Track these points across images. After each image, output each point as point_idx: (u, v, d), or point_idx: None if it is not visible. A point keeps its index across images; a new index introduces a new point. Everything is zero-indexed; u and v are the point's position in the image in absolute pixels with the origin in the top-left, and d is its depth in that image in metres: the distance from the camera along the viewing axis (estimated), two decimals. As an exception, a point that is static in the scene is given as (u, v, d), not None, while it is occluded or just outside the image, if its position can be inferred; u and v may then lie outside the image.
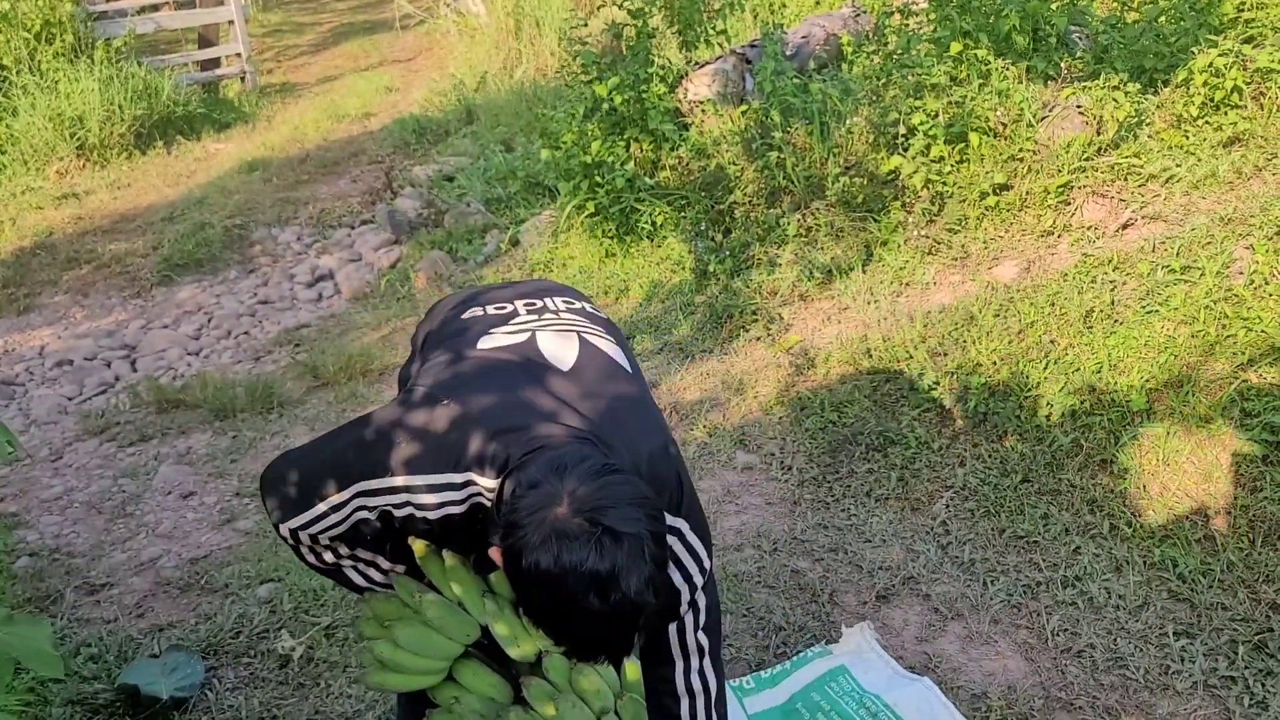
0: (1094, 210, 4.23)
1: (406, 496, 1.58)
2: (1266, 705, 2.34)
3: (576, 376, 1.69)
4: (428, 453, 1.57)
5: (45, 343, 6.36)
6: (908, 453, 3.65)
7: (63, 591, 3.46)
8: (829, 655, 2.75)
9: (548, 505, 1.42)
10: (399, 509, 1.60)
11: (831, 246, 4.84)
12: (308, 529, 1.65)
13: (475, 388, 1.64)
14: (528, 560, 1.40)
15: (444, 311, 1.95)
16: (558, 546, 1.39)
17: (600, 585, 1.39)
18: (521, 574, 1.42)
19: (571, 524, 1.40)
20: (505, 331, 1.76)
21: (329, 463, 1.63)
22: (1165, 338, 3.38)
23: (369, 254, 7.41)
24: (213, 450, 4.68)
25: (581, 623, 1.43)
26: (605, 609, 1.40)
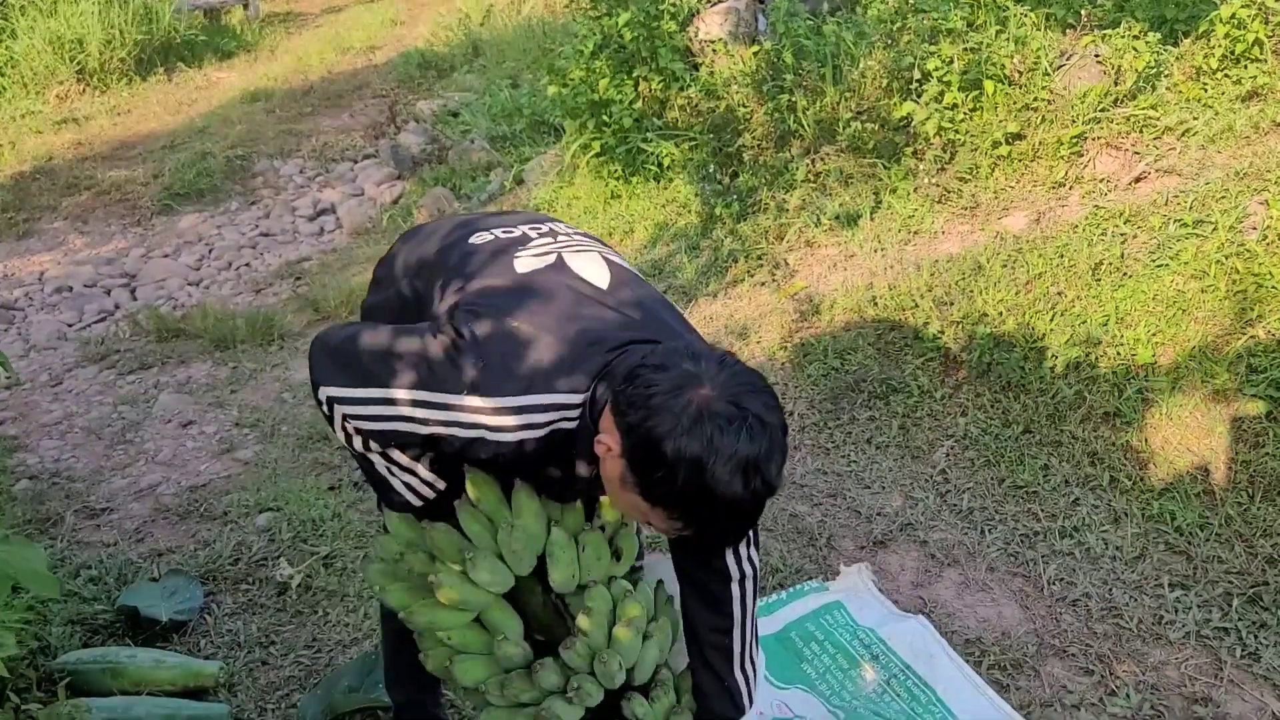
0: (1107, 162, 4.17)
1: (479, 419, 1.49)
2: (1258, 656, 2.35)
3: (616, 294, 1.66)
4: (509, 374, 1.50)
5: (45, 268, 6.33)
6: (910, 401, 3.64)
7: (63, 515, 3.47)
8: (825, 591, 2.76)
9: (689, 388, 1.40)
10: (466, 430, 1.51)
11: (840, 192, 4.79)
12: (346, 407, 1.56)
13: (538, 308, 1.58)
14: (673, 444, 1.37)
15: (438, 238, 1.83)
16: (710, 429, 1.37)
17: (747, 470, 1.38)
18: (660, 459, 1.38)
19: (719, 407, 1.38)
20: (532, 255, 1.71)
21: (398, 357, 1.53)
22: (1174, 292, 3.36)
23: (371, 189, 7.35)
24: (213, 380, 4.67)
25: (722, 508, 1.41)
26: (747, 494, 1.39)
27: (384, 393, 1.52)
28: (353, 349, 1.56)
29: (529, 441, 1.52)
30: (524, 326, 1.53)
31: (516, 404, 1.48)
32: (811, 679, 2.46)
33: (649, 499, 1.44)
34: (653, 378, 1.42)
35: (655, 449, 1.38)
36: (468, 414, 1.48)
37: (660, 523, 1.48)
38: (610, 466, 1.48)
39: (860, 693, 2.40)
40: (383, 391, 1.52)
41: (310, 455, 3.84)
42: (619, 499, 1.53)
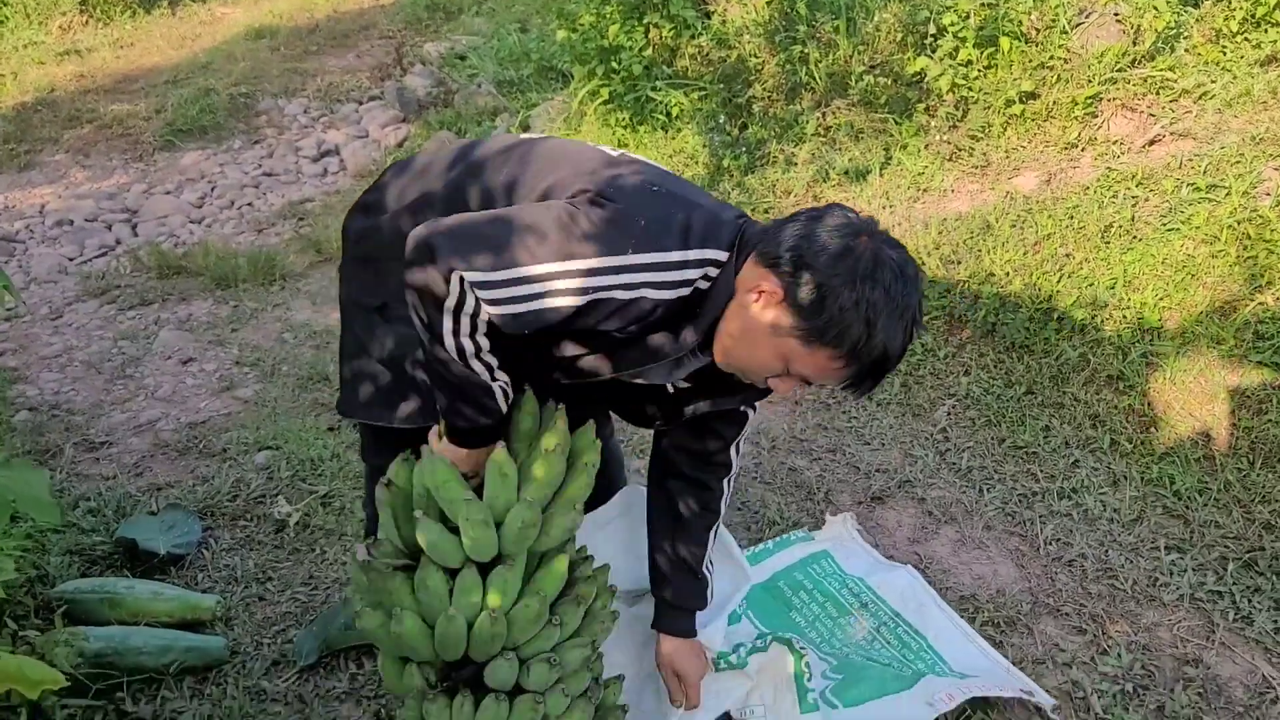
0: (1122, 124, 4.12)
1: (644, 276, 1.49)
2: (1251, 620, 2.36)
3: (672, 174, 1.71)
4: (668, 229, 1.51)
5: (45, 201, 6.28)
6: (913, 359, 3.63)
7: (62, 447, 3.47)
8: (811, 540, 2.76)
9: (859, 235, 1.47)
10: (628, 290, 1.49)
11: (850, 147, 4.74)
12: (488, 291, 1.46)
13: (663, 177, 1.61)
14: (858, 290, 1.43)
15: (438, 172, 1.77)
16: (888, 277, 1.44)
17: (909, 320, 1.48)
18: (839, 303, 1.44)
19: (890, 255, 1.47)
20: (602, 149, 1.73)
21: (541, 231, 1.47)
22: (1184, 256, 3.33)
23: (376, 131, 7.27)
24: (214, 318, 4.65)
25: (879, 353, 1.47)
26: (905, 342, 1.50)
27: (533, 269, 1.45)
28: (485, 231, 1.48)
29: (672, 301, 1.53)
30: (660, 190, 1.55)
31: (680, 258, 1.50)
32: (800, 627, 2.46)
33: (813, 342, 1.49)
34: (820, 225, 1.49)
35: (836, 290, 1.44)
36: (632, 273, 1.48)
37: (813, 367, 1.53)
38: (760, 316, 1.52)
39: (850, 640, 2.41)
40: (531, 268, 1.45)
41: (310, 395, 3.83)
42: (755, 350, 1.56)
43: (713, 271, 1.55)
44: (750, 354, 1.58)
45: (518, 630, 1.64)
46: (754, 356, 1.58)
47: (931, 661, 2.31)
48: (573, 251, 1.45)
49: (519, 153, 1.71)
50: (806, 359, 1.52)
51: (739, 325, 1.56)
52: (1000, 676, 2.25)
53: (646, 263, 1.48)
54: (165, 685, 2.31)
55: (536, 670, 1.66)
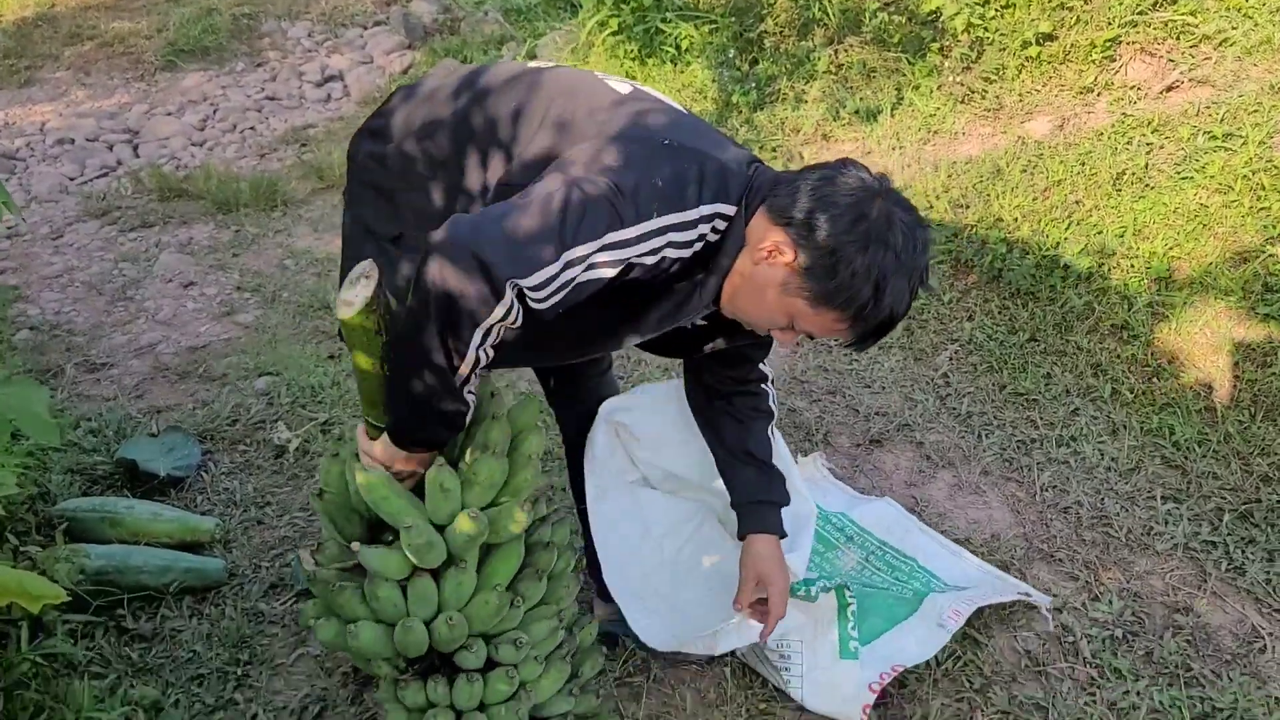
0: (1139, 69, 4.05)
1: (667, 236, 1.48)
2: (1243, 570, 2.38)
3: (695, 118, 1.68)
4: (683, 185, 1.50)
5: (46, 119, 6.21)
6: (917, 303, 3.60)
7: (63, 367, 3.47)
8: None
9: (873, 198, 1.47)
10: (653, 254, 1.48)
11: (862, 86, 4.66)
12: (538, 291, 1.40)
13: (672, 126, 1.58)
14: (870, 254, 1.44)
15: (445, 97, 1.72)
16: (900, 239, 1.45)
17: (915, 280, 1.49)
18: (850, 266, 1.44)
19: (902, 217, 1.47)
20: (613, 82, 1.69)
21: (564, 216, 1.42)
22: (1196, 206, 3.29)
23: (380, 57, 7.16)
24: (215, 243, 4.62)
25: (885, 313, 1.49)
26: (910, 302, 1.51)
27: (578, 252, 1.41)
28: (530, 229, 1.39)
29: (687, 258, 1.54)
30: (673, 144, 1.52)
31: (695, 215, 1.50)
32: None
33: (820, 303, 1.49)
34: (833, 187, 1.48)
35: (848, 256, 1.44)
36: (658, 236, 1.47)
37: (818, 326, 1.54)
38: (769, 274, 1.52)
39: (840, 570, 2.42)
40: (576, 252, 1.41)
41: (311, 323, 3.82)
42: (761, 304, 1.56)
43: (721, 225, 1.54)
44: (756, 307, 1.58)
45: (479, 624, 1.63)
46: (759, 310, 1.58)
47: (926, 579, 2.34)
48: (610, 225, 1.43)
49: (527, 80, 1.68)
50: (812, 318, 1.53)
51: (746, 278, 1.56)
52: (995, 584, 2.30)
53: (668, 224, 1.48)
54: (165, 604, 2.33)
55: (504, 651, 1.65)
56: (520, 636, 1.66)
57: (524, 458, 1.66)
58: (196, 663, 2.19)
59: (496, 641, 1.66)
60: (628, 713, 2.06)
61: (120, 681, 2.11)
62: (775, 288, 1.53)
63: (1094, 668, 2.13)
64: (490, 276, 1.36)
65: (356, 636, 1.58)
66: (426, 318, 1.40)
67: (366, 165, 1.80)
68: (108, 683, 2.08)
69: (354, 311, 1.41)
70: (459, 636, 1.60)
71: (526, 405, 1.72)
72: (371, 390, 1.54)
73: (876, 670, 2.03)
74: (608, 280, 1.48)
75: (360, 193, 1.82)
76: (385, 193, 1.77)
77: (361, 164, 1.81)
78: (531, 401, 1.73)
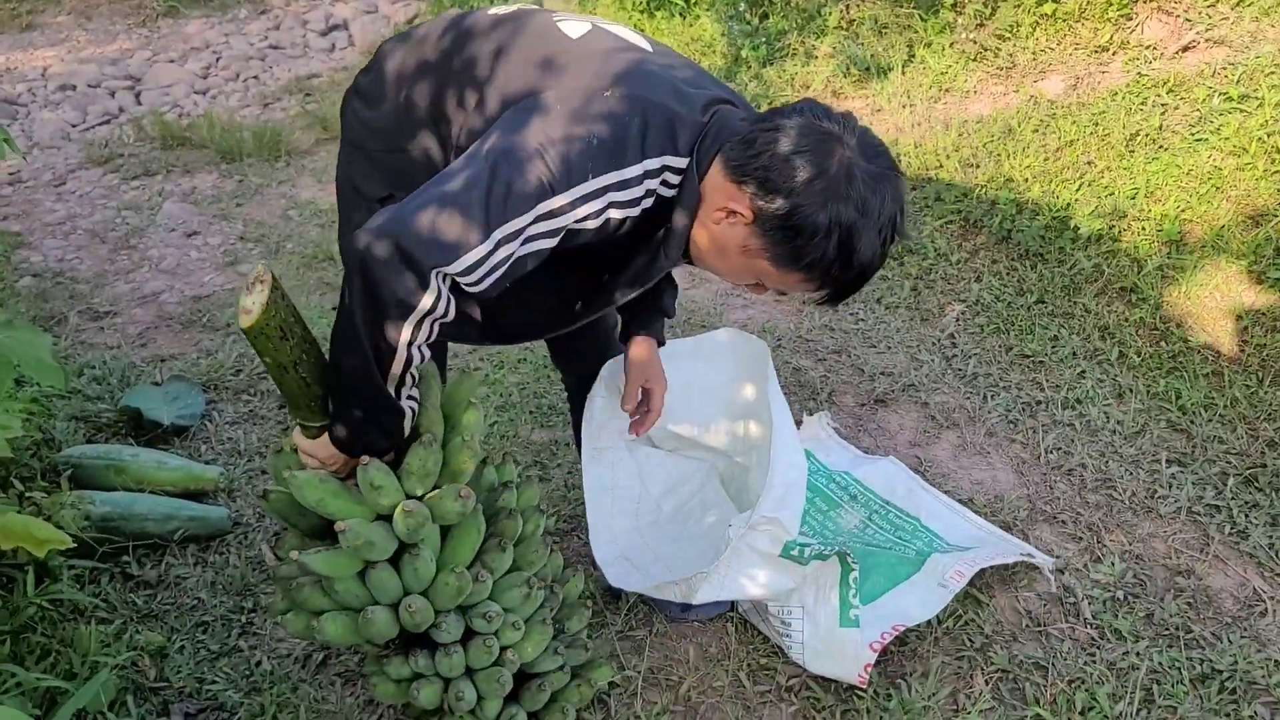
0: (1156, 28, 3.99)
1: (608, 197, 1.40)
2: (1246, 534, 2.38)
3: (664, 56, 1.59)
4: (623, 142, 1.40)
5: (48, 64, 6.14)
6: (925, 263, 3.59)
7: (66, 314, 3.46)
8: None
9: (834, 149, 1.39)
10: (596, 218, 1.41)
11: (873, 42, 4.60)
12: (469, 275, 1.35)
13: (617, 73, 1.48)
14: (829, 212, 1.37)
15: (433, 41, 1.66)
16: (863, 192, 1.38)
17: (886, 231, 1.42)
18: (812, 226, 1.38)
19: (865, 167, 1.39)
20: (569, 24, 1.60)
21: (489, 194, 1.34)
22: (1210, 168, 3.26)
23: (385, 6, 7.07)
24: (218, 192, 4.59)
25: (859, 269, 1.44)
26: (884, 254, 1.45)
27: (508, 228, 1.35)
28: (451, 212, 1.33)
29: (637, 216, 1.47)
30: (613, 95, 1.43)
31: (639, 171, 1.42)
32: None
33: (784, 265, 1.44)
34: (790, 140, 1.39)
35: (807, 216, 1.38)
36: (596, 198, 1.40)
37: (786, 286, 1.50)
38: (729, 235, 1.46)
39: (843, 529, 2.43)
40: (506, 229, 1.35)
41: (315, 274, 3.81)
42: (728, 264, 1.52)
43: (672, 178, 1.47)
44: (723, 267, 1.54)
45: (444, 604, 1.60)
46: (727, 269, 1.54)
47: (929, 539, 2.34)
48: (540, 195, 1.36)
49: (511, 24, 1.61)
50: (778, 278, 1.49)
51: (708, 238, 1.51)
52: (998, 544, 2.30)
53: (607, 183, 1.40)
54: (169, 552, 2.34)
55: (478, 623, 1.64)
56: (490, 609, 1.64)
57: (461, 439, 1.60)
58: (201, 610, 2.20)
59: (470, 614, 1.65)
60: (629, 665, 2.07)
61: (126, 627, 2.12)
62: (736, 249, 1.48)
63: (1094, 628, 2.14)
64: (414, 267, 1.31)
65: (323, 631, 1.56)
66: (354, 314, 1.35)
67: (353, 125, 1.75)
68: (113, 628, 2.09)
69: (253, 319, 1.35)
70: (423, 621, 1.58)
71: (461, 382, 1.67)
72: (291, 393, 1.49)
73: (878, 630, 2.03)
74: (550, 249, 1.42)
75: (350, 153, 1.78)
76: (371, 154, 1.73)
77: (349, 123, 1.76)
78: (466, 378, 1.68)
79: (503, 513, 1.71)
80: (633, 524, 2.26)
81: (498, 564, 1.66)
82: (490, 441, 2.76)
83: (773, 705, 1.99)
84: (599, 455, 2.20)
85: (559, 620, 1.86)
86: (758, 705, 1.99)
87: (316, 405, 1.51)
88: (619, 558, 2.16)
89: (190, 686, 2.00)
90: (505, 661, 1.69)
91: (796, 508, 1.93)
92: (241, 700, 1.97)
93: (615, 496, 2.23)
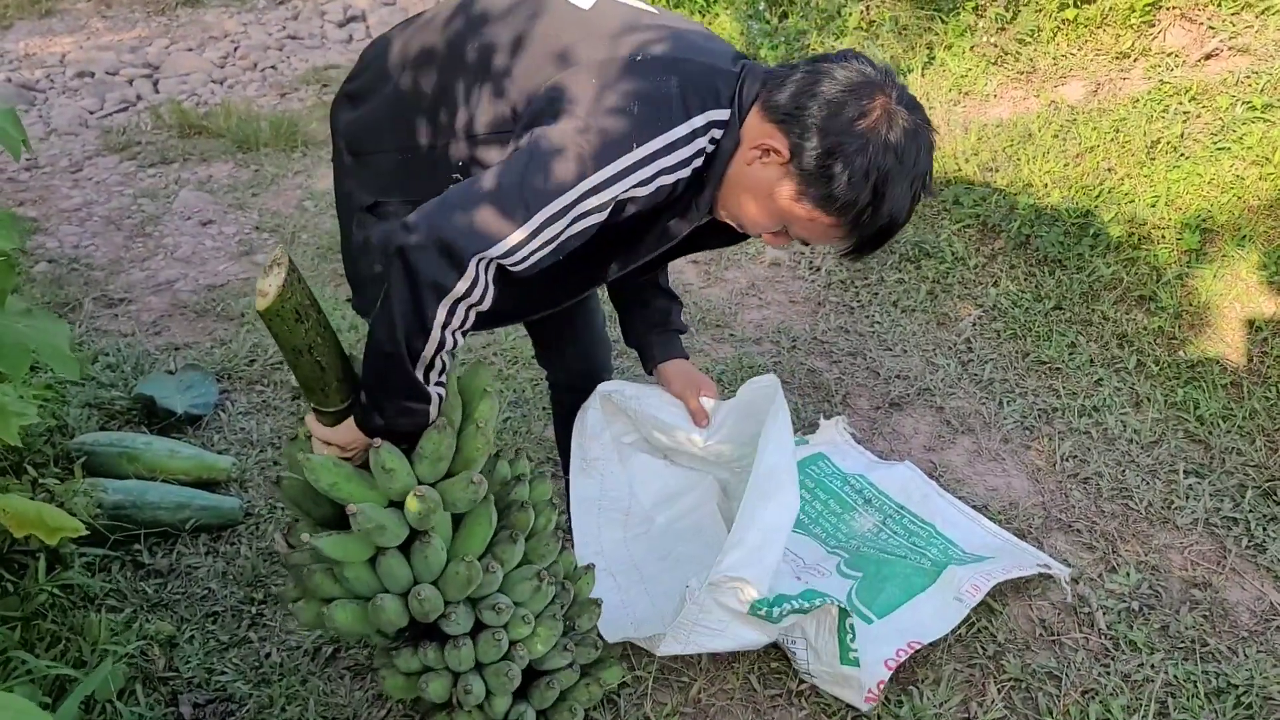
0: (1178, 35, 3.96)
1: (656, 163, 1.38)
2: (1264, 548, 2.36)
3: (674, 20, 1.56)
4: (661, 106, 1.38)
5: (66, 51, 6.16)
6: (942, 267, 3.57)
7: (81, 301, 3.46)
8: (805, 444, 2.74)
9: (876, 94, 1.37)
10: (647, 184, 1.39)
11: (893, 44, 4.58)
12: (514, 255, 1.35)
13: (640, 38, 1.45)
14: (869, 155, 1.36)
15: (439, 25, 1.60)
16: (904, 142, 1.37)
17: (918, 185, 1.42)
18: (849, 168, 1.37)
19: (907, 118, 1.38)
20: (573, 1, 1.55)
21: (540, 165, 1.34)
22: (1232, 177, 3.23)
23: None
24: (234, 181, 4.59)
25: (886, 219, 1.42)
26: (913, 208, 1.44)
27: (550, 210, 1.34)
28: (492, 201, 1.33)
29: (688, 176, 1.45)
30: (643, 60, 1.41)
31: (686, 131, 1.39)
32: (805, 524, 2.46)
33: (816, 207, 1.42)
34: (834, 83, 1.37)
35: (847, 156, 1.36)
36: (643, 167, 1.37)
37: (813, 232, 1.48)
38: (762, 175, 1.44)
39: (856, 533, 2.41)
40: (547, 211, 1.34)
41: (330, 266, 3.80)
42: (755, 207, 1.49)
43: (717, 133, 1.44)
44: (749, 210, 1.51)
45: (454, 593, 1.59)
46: (752, 213, 1.51)
47: (944, 546, 2.32)
48: (580, 174, 1.34)
49: (524, 7, 1.55)
50: (807, 223, 1.46)
51: (741, 181, 1.48)
52: (1015, 555, 2.27)
53: (654, 150, 1.38)
54: (181, 541, 2.34)
55: (488, 615, 1.63)
56: (500, 601, 1.63)
57: (475, 426, 1.59)
58: (211, 600, 2.20)
59: (480, 606, 1.64)
60: (640, 666, 2.06)
61: (136, 615, 2.12)
62: (767, 189, 1.45)
63: (1109, 639, 2.12)
64: (452, 254, 1.31)
65: (332, 618, 1.56)
66: (391, 298, 1.35)
67: (341, 131, 1.71)
68: (124, 616, 2.09)
69: (269, 301, 1.34)
70: (432, 610, 1.57)
71: (477, 371, 1.66)
72: (306, 377, 1.47)
73: (893, 645, 2.00)
74: (599, 224, 1.41)
75: (340, 161, 1.74)
76: (361, 157, 1.69)
77: (338, 130, 1.73)
78: (482, 368, 1.67)
79: (514, 505, 1.70)
80: (621, 535, 2.23)
81: (508, 556, 1.65)
82: (503, 437, 2.75)
83: (783, 709, 1.98)
84: (588, 466, 2.17)
85: (569, 617, 1.85)
86: (768, 709, 1.98)
87: (332, 390, 1.49)
88: (602, 571, 2.13)
89: (199, 677, 2.00)
90: (514, 656, 1.68)
91: (770, 561, 1.83)
92: (250, 692, 1.97)
93: (602, 508, 2.20)
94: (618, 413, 2.21)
